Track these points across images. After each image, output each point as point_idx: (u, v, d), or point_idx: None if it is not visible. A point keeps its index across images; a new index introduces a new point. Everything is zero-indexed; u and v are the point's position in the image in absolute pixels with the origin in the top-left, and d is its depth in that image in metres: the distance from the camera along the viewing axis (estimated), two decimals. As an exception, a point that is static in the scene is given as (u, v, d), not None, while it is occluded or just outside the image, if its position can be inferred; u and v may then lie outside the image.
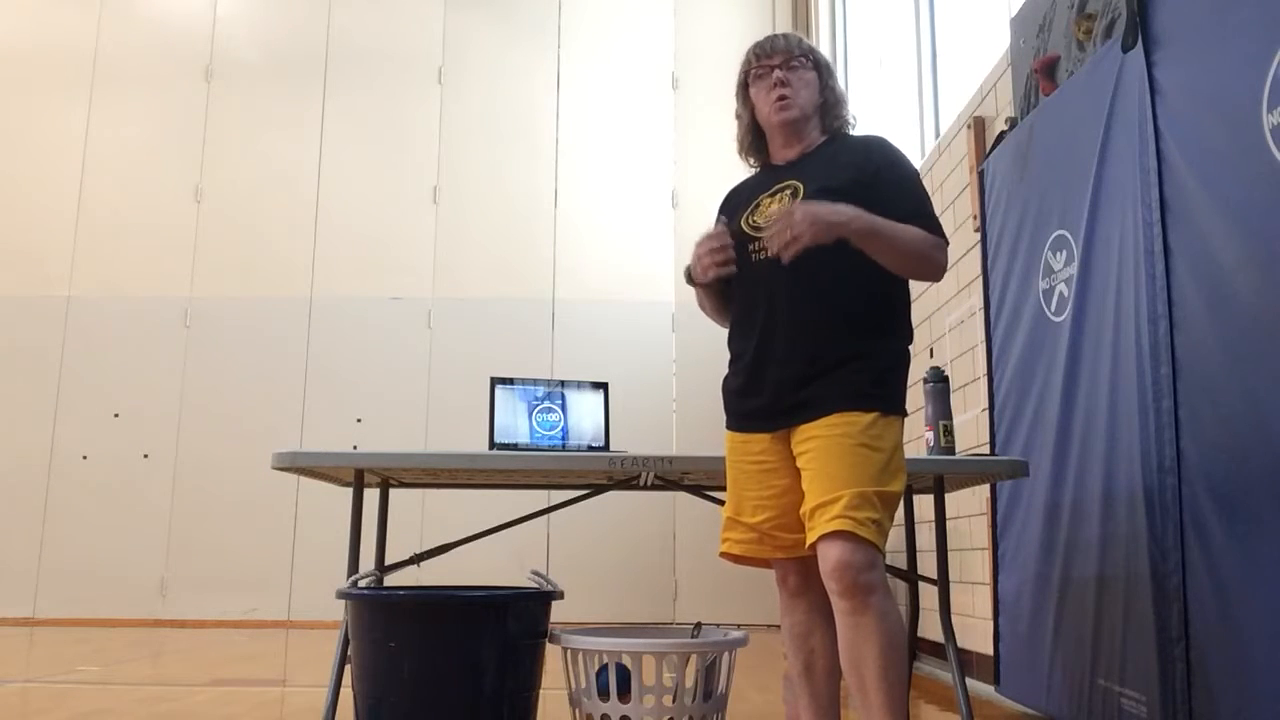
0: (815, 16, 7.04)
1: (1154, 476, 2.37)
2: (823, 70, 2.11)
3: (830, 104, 2.10)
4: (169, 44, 7.13)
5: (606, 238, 6.90)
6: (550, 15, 7.21)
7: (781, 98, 2.05)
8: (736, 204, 2.12)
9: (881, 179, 1.96)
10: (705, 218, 7.45)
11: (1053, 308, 2.99)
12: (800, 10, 7.28)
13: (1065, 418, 2.87)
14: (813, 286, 1.93)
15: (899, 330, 2.00)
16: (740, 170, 2.24)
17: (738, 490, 2.02)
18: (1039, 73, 3.23)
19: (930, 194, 4.64)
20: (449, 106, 7.07)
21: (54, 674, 3.93)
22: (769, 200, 2.03)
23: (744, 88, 2.14)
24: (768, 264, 1.94)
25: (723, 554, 2.05)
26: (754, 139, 2.16)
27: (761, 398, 1.97)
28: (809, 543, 1.86)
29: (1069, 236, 2.89)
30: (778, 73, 2.06)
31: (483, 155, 7.01)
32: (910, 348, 2.03)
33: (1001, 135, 3.53)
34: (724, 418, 2.09)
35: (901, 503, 2.82)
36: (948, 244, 1.99)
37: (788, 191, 2.01)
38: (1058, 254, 2.97)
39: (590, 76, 7.15)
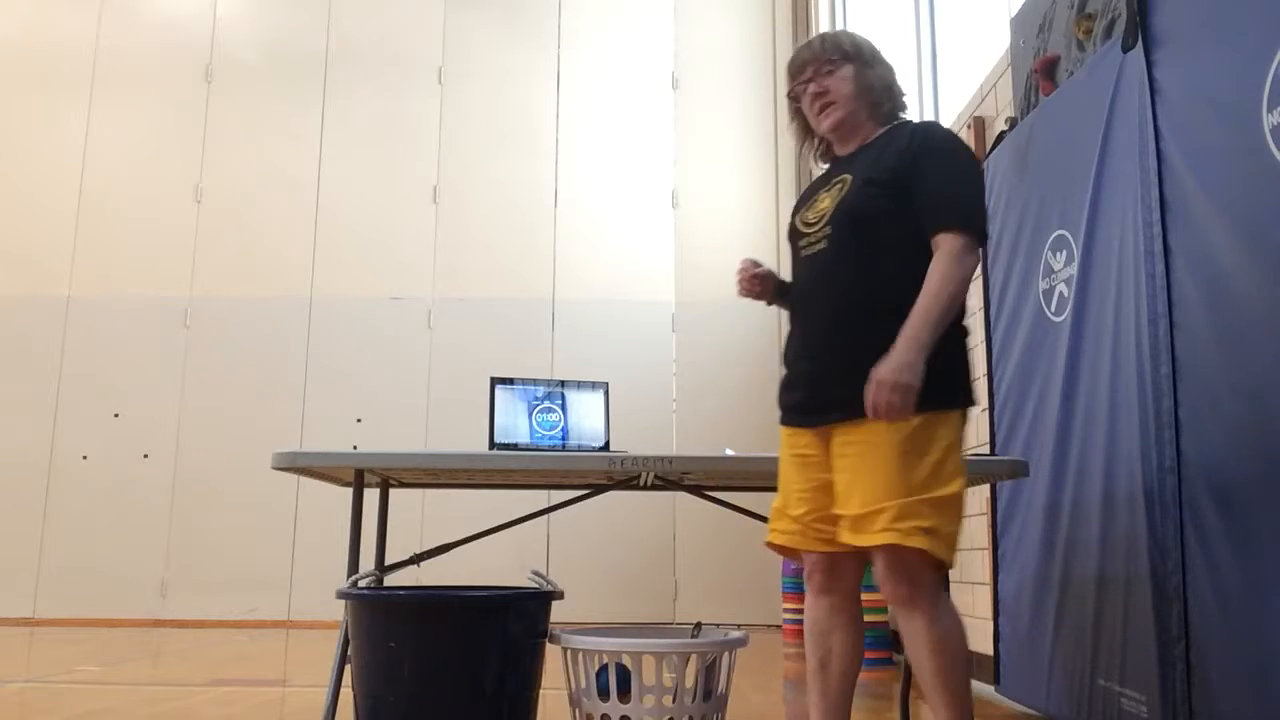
0: (815, 16, 7.04)
1: (1154, 476, 2.37)
2: (859, 60, 2.07)
3: (877, 90, 2.07)
4: (169, 44, 7.13)
5: (606, 238, 6.90)
6: (550, 15, 7.21)
7: (823, 106, 2.07)
8: (802, 200, 2.14)
9: (921, 171, 1.93)
10: (705, 218, 7.44)
11: (1053, 308, 2.99)
12: (800, 10, 7.27)
13: (1065, 418, 2.87)
14: (851, 279, 1.92)
15: (959, 314, 1.92)
16: (739, 170, 2.25)
17: (784, 482, 2.04)
18: (1039, 73, 3.23)
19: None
20: (449, 106, 7.07)
21: (54, 674, 3.93)
22: (824, 195, 2.05)
23: (791, 101, 2.18)
24: (814, 258, 1.98)
25: (768, 543, 2.07)
26: (814, 144, 2.19)
27: (802, 392, 1.98)
28: (844, 541, 1.88)
29: (1069, 236, 2.89)
30: (813, 86, 2.08)
31: (483, 155, 7.01)
32: (964, 327, 1.96)
33: (1001, 135, 3.53)
34: (723, 418, 2.10)
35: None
36: (975, 226, 1.90)
37: (838, 186, 2.02)
38: (1058, 254, 2.97)
39: (590, 76, 7.15)
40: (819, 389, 1.93)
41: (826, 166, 2.20)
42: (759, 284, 2.12)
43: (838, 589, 2.01)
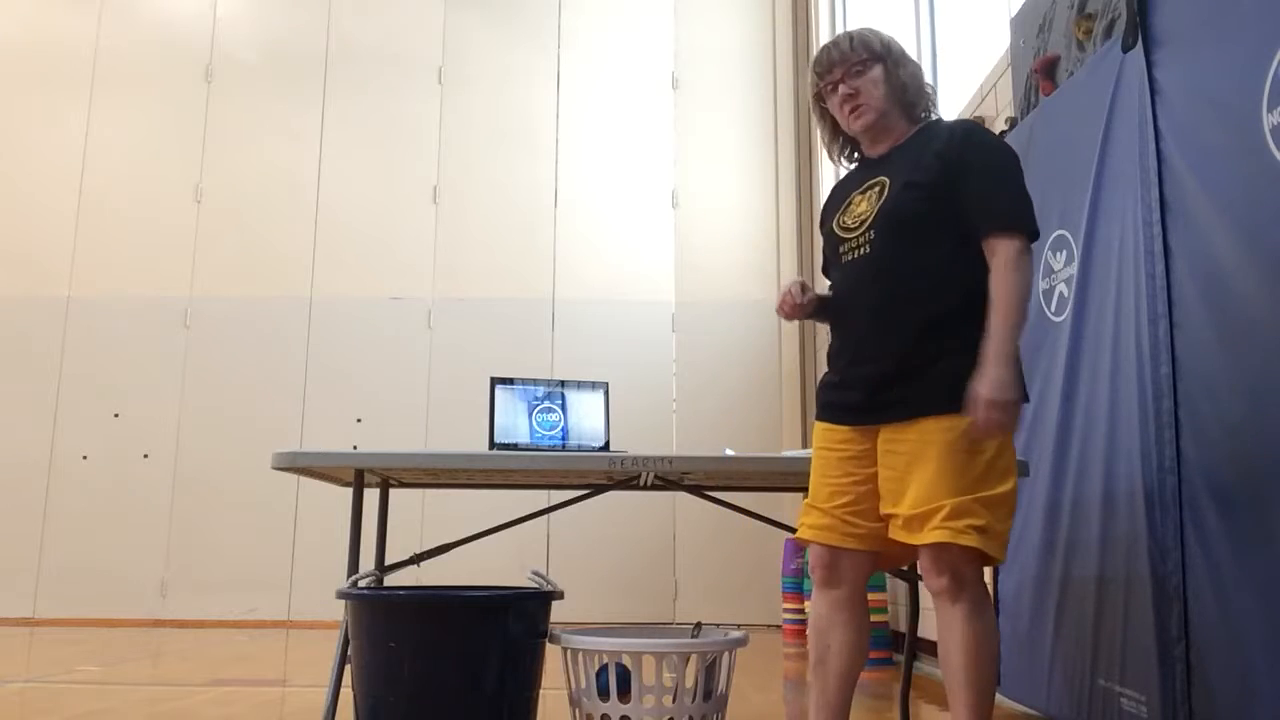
0: (815, 16, 7.04)
1: (1154, 476, 2.37)
2: (889, 60, 2.07)
3: (910, 90, 2.06)
4: (169, 44, 7.13)
5: (606, 238, 6.90)
6: (550, 15, 7.21)
7: (854, 108, 2.06)
8: (834, 203, 2.14)
9: (968, 172, 1.92)
10: (705, 218, 7.44)
11: (1053, 308, 2.99)
12: (800, 10, 7.27)
13: (1065, 418, 2.87)
14: (901, 283, 1.93)
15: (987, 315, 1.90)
16: (739, 170, 2.26)
17: (818, 476, 2.04)
18: (1039, 73, 3.23)
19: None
20: (449, 107, 7.07)
21: (54, 674, 3.93)
22: (860, 198, 2.04)
23: (817, 100, 2.16)
24: (858, 263, 1.98)
25: (798, 539, 2.08)
26: (841, 144, 2.18)
27: (855, 393, 1.98)
28: (895, 537, 1.90)
29: (1069, 236, 2.89)
30: (843, 87, 2.07)
31: (483, 155, 7.01)
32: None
33: (1001, 135, 3.53)
34: (723, 418, 2.12)
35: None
36: (1030, 229, 1.91)
37: (876, 189, 2.01)
38: (1058, 254, 2.97)
39: (590, 77, 7.15)
40: (877, 392, 1.94)
41: (852, 166, 2.19)
42: (802, 310, 2.11)
43: (840, 585, 2.01)
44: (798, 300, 2.06)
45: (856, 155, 2.18)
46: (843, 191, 2.13)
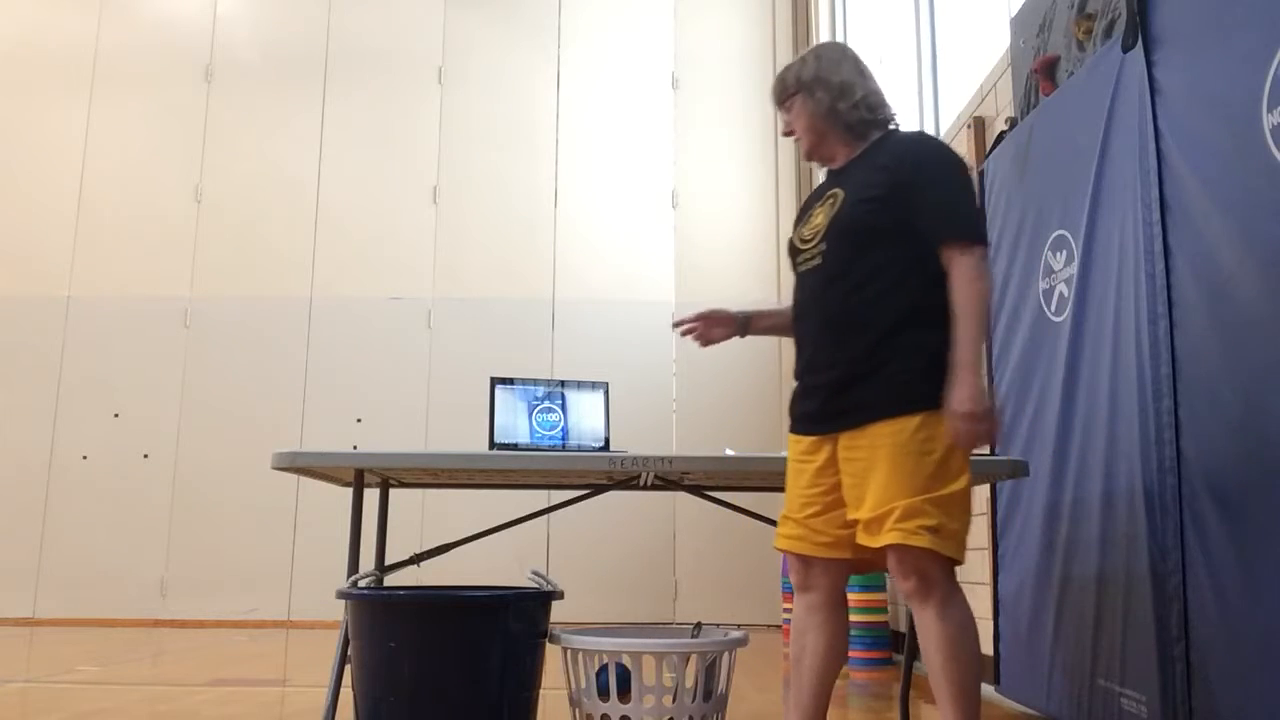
0: (815, 16, 7.04)
1: (1154, 476, 2.37)
2: (813, 89, 2.10)
3: (844, 112, 2.08)
4: (169, 44, 7.13)
5: (606, 238, 6.90)
6: (550, 15, 7.21)
7: (795, 138, 2.17)
8: (801, 216, 2.20)
9: (920, 184, 1.95)
10: (705, 218, 7.43)
11: (1053, 308, 2.99)
12: (800, 10, 7.27)
13: (1065, 418, 2.87)
14: (851, 292, 1.96)
15: (937, 318, 1.93)
16: (739, 170, 2.28)
17: (791, 487, 2.09)
18: (1039, 73, 3.23)
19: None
20: (449, 106, 7.07)
21: (54, 674, 3.93)
22: (819, 209, 2.09)
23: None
24: (811, 274, 2.04)
25: (776, 547, 2.12)
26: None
27: (812, 403, 2.03)
28: (860, 542, 1.93)
29: (1069, 236, 2.89)
30: (783, 119, 2.17)
31: (483, 155, 7.01)
32: None
33: (1001, 135, 3.53)
34: (723, 418, 2.15)
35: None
36: (985, 240, 1.96)
37: (830, 201, 2.06)
38: (1058, 254, 2.97)
39: (590, 76, 7.15)
40: (830, 399, 1.97)
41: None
42: (714, 328, 2.28)
43: (813, 590, 2.07)
44: (690, 323, 2.27)
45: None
46: (807, 204, 2.18)
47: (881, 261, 1.94)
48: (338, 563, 3.28)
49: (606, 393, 2.93)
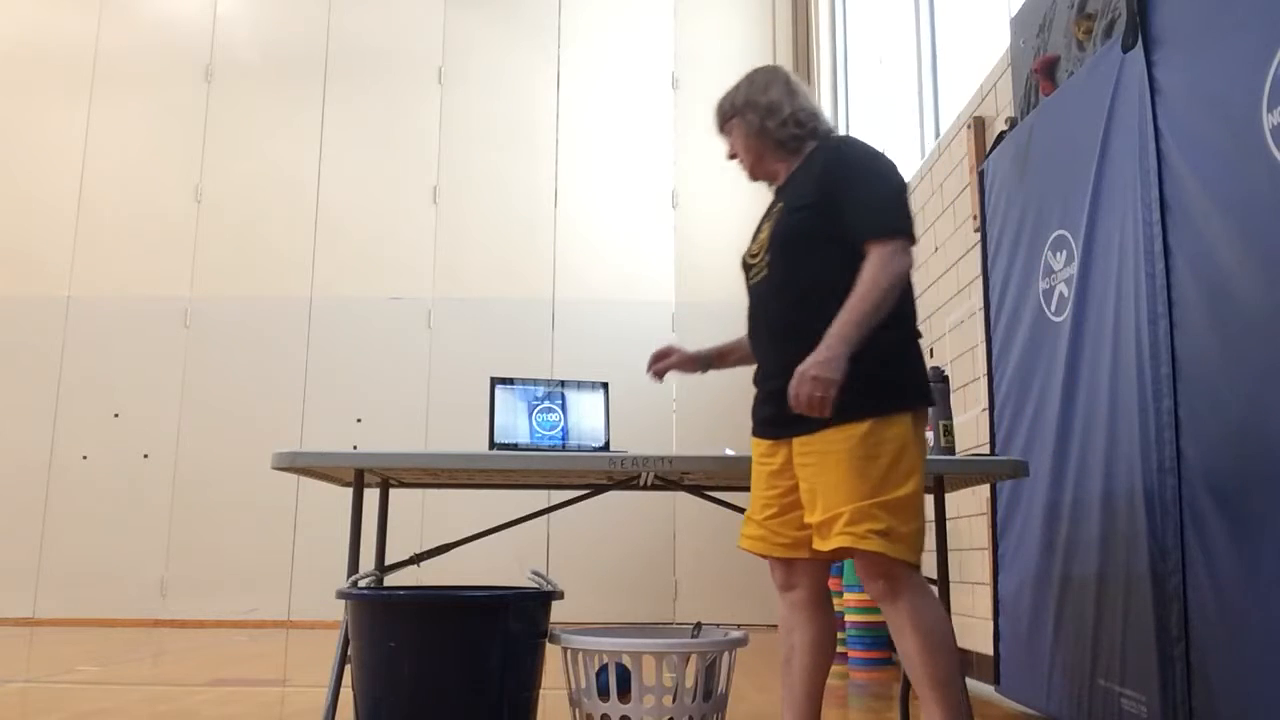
0: (815, 16, 7.04)
1: (1154, 476, 2.37)
2: (744, 111, 2.17)
3: (774, 130, 2.14)
4: (169, 44, 7.13)
5: (606, 238, 6.91)
6: (550, 15, 7.21)
7: (738, 161, 2.24)
8: (754, 233, 2.25)
9: (843, 187, 2.01)
10: (705, 218, 7.42)
11: (1053, 308, 2.99)
12: (800, 10, 7.27)
13: (1065, 418, 2.87)
14: (795, 300, 2.02)
15: (889, 321, 1.94)
16: (739, 170, 2.28)
17: (753, 490, 2.15)
18: (1039, 73, 3.23)
19: (930, 194, 4.62)
20: (449, 106, 7.07)
21: (54, 674, 3.93)
22: (765, 225, 2.16)
23: None
24: (760, 285, 2.10)
25: (739, 547, 2.16)
26: None
27: (769, 408, 2.08)
28: (814, 548, 1.97)
29: (1069, 236, 2.89)
30: (726, 144, 2.24)
31: (483, 155, 7.01)
32: (915, 330, 2.03)
33: (1001, 135, 3.53)
34: (723, 418, 2.19)
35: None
36: (904, 234, 1.95)
37: (773, 216, 2.13)
38: (1058, 254, 2.97)
39: (590, 76, 7.15)
40: (783, 406, 1.99)
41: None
42: (676, 365, 2.42)
43: (796, 587, 2.11)
44: (667, 359, 2.42)
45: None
46: (760, 223, 2.23)
47: (821, 268, 1.99)
48: (338, 563, 3.27)
49: (606, 393, 2.93)
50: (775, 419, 2.04)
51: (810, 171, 2.07)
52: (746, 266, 2.18)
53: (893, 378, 1.93)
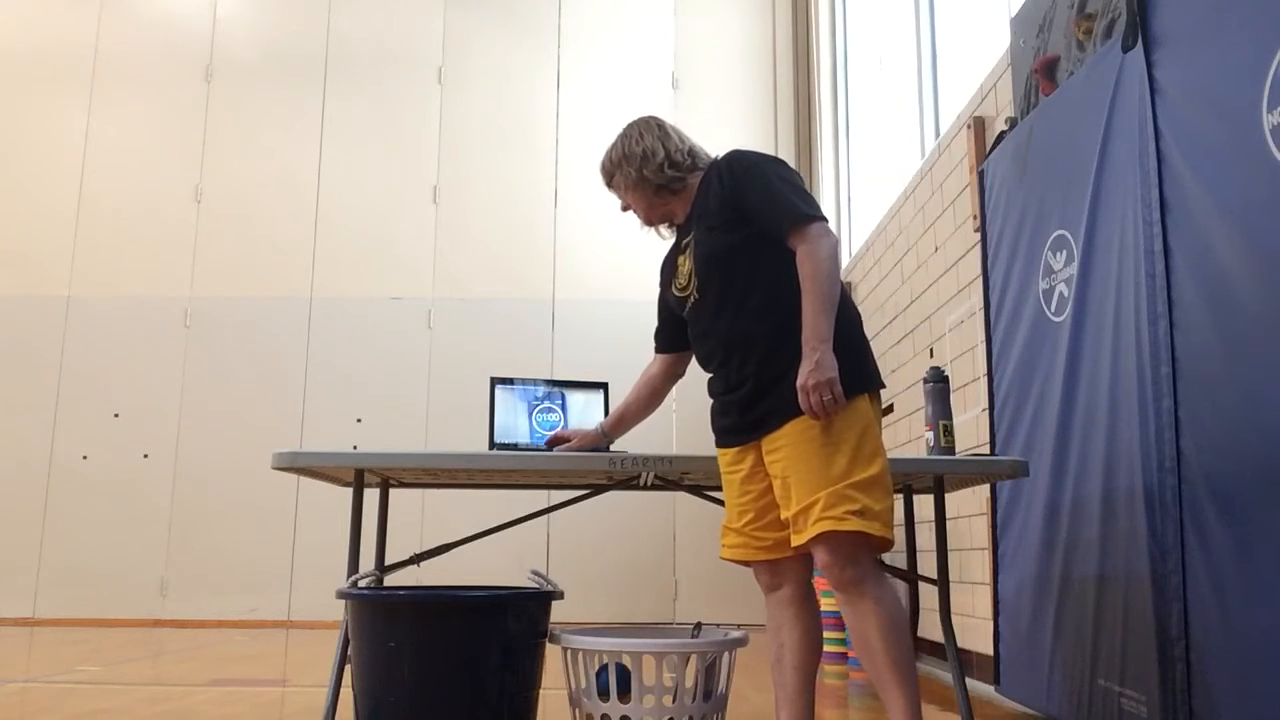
0: (815, 16, 7.04)
1: (1154, 476, 2.37)
2: (622, 165, 2.25)
3: (646, 178, 2.22)
4: (169, 44, 7.13)
5: (606, 238, 6.90)
6: (550, 15, 7.21)
7: (635, 213, 2.30)
8: (666, 275, 2.33)
9: (745, 195, 2.08)
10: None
11: (1053, 308, 2.99)
12: (800, 10, 7.27)
13: (1065, 418, 2.87)
14: (739, 311, 2.08)
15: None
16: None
17: (727, 499, 2.21)
18: (1039, 73, 3.23)
19: (930, 194, 4.61)
20: (449, 106, 7.07)
21: (54, 674, 3.93)
22: (683, 259, 2.22)
23: None
24: (698, 307, 2.16)
25: (722, 558, 2.22)
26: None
27: (731, 417, 2.14)
28: (794, 545, 2.01)
29: (1069, 236, 2.89)
30: (619, 199, 2.31)
31: (483, 155, 7.01)
32: (856, 314, 2.12)
33: (1001, 135, 3.53)
34: None
35: (902, 501, 2.83)
36: (816, 215, 2.03)
37: (690, 246, 2.19)
38: (1058, 254, 2.97)
39: (590, 76, 7.15)
40: (743, 413, 2.08)
41: (665, 234, 2.37)
42: (575, 446, 2.51)
43: (782, 586, 2.16)
44: (567, 441, 2.52)
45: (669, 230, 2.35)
46: (670, 262, 2.30)
47: (753, 275, 2.06)
48: (338, 563, 3.27)
49: (606, 393, 2.93)
50: (738, 426, 2.11)
51: (707, 194, 2.16)
52: (677, 299, 2.24)
53: (845, 364, 1.97)
